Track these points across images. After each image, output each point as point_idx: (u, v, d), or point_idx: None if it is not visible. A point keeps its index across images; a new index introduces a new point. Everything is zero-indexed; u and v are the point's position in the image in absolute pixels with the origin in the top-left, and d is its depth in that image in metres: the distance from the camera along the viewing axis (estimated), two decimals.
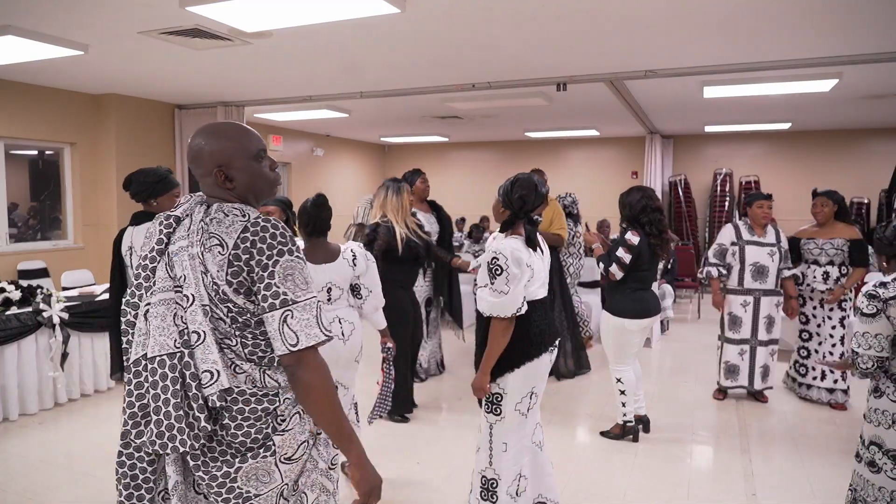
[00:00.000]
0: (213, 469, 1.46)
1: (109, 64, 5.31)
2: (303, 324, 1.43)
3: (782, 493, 3.33)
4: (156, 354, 1.42)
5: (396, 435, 4.11)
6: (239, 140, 1.56)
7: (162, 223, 1.52)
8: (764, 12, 3.84)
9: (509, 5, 3.73)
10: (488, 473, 2.65)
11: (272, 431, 1.49)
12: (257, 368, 1.48)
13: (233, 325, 1.46)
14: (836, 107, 7.33)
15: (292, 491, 1.55)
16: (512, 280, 2.46)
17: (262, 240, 1.42)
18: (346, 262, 2.99)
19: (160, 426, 1.40)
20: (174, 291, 1.45)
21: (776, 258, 4.52)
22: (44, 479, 3.47)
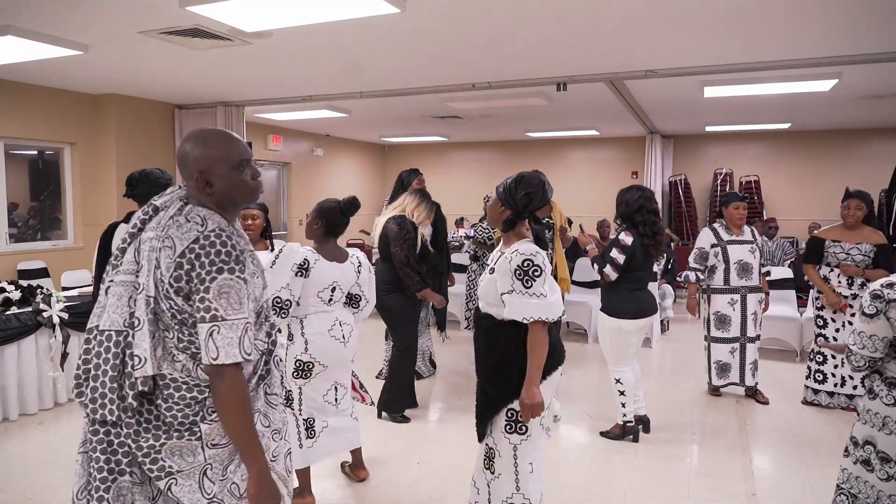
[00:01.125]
0: (142, 441, 1.57)
1: (109, 64, 5.31)
2: (226, 341, 1.51)
3: (782, 493, 3.33)
4: (106, 328, 1.57)
5: (396, 435, 4.11)
6: (222, 149, 1.64)
7: (143, 210, 1.65)
8: (764, 12, 3.84)
9: (509, 5, 3.73)
10: (517, 500, 2.39)
11: (199, 419, 1.60)
12: (191, 360, 1.58)
13: (172, 320, 1.56)
14: (836, 107, 7.33)
15: (220, 476, 1.62)
16: (549, 282, 2.32)
17: (207, 254, 1.52)
18: (353, 267, 3.07)
19: (95, 392, 1.55)
20: (134, 275, 1.58)
21: (757, 255, 4.60)
22: (44, 479, 3.47)
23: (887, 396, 2.21)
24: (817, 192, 9.64)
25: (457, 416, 4.45)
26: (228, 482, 1.63)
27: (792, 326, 5.92)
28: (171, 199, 1.64)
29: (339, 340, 3.00)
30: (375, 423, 4.28)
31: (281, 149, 9.75)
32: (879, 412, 2.21)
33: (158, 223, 1.59)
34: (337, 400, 3.12)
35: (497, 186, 2.50)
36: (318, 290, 2.95)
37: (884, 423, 2.19)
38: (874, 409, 2.24)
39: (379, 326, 5.02)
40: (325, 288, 2.95)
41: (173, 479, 1.57)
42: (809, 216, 9.45)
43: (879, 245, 4.33)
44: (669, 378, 5.49)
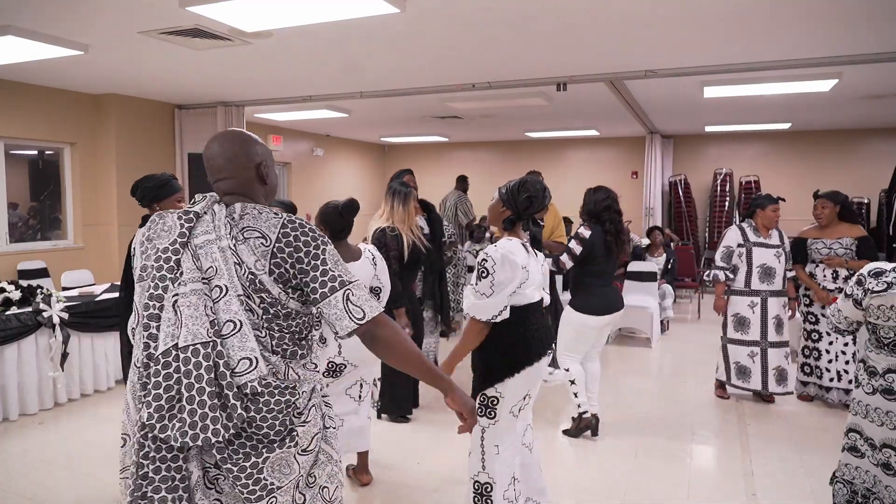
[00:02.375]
0: (241, 460, 1.47)
1: (109, 64, 5.31)
2: (363, 299, 1.56)
3: (782, 493, 3.33)
4: (188, 343, 1.42)
5: (396, 435, 4.11)
6: (267, 148, 1.75)
7: (181, 217, 1.55)
8: (764, 12, 3.84)
9: (509, 5, 3.73)
10: (482, 478, 2.59)
11: (292, 424, 1.54)
12: (282, 361, 1.54)
13: (263, 317, 1.51)
14: (836, 107, 7.33)
15: (307, 484, 1.60)
16: (497, 284, 2.43)
17: (304, 233, 1.54)
18: (368, 261, 3.09)
19: (193, 416, 1.40)
20: (202, 283, 1.48)
21: (782, 259, 4.57)
22: (44, 479, 3.47)
23: (867, 385, 2.29)
24: None
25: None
26: (317, 487, 1.62)
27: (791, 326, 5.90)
28: (208, 204, 1.60)
29: None
30: (375, 422, 4.28)
31: (281, 149, 9.75)
32: (862, 401, 2.29)
33: (212, 225, 1.53)
34: (360, 397, 3.15)
35: (500, 188, 2.66)
36: None
37: (867, 412, 2.26)
38: (858, 397, 2.32)
39: None
40: None
41: (274, 497, 1.50)
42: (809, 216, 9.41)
43: (860, 237, 4.52)
44: (669, 378, 5.49)
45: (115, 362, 4.95)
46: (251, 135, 1.72)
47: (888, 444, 2.22)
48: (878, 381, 2.25)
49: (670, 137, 10.41)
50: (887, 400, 2.22)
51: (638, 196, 10.21)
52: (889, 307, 2.20)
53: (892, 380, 2.22)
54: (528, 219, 2.63)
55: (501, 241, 2.54)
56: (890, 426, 2.21)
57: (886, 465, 2.23)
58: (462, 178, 8.26)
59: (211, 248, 1.50)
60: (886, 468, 2.23)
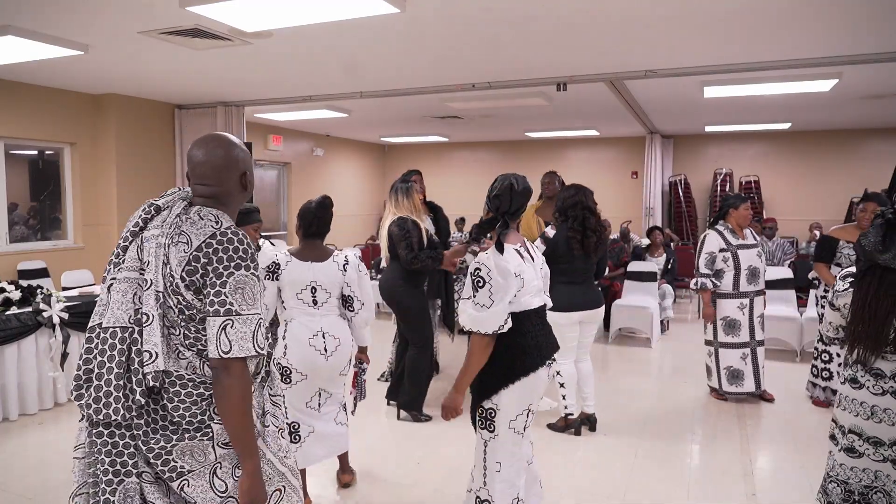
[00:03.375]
0: (152, 442, 1.56)
1: (109, 64, 5.31)
2: (239, 335, 1.54)
3: (782, 493, 3.33)
4: (110, 325, 1.55)
5: (396, 435, 4.11)
6: (246, 150, 1.78)
7: (144, 209, 1.66)
8: (764, 12, 3.84)
9: (509, 5, 3.73)
10: (482, 494, 2.44)
11: (210, 419, 1.60)
12: (198, 357, 1.59)
13: (179, 316, 1.57)
14: (836, 107, 7.34)
15: (231, 475, 1.63)
16: (496, 293, 2.27)
17: (225, 250, 1.56)
18: (336, 265, 2.97)
19: (99, 391, 1.52)
20: (139, 272, 1.59)
21: (763, 258, 4.60)
22: (44, 479, 3.47)
23: (874, 387, 2.32)
24: (817, 192, 9.65)
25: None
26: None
27: (792, 326, 5.92)
28: (174, 200, 1.67)
29: (320, 352, 2.89)
30: (375, 422, 4.28)
31: (281, 149, 9.75)
32: (867, 401, 2.31)
33: (163, 221, 1.61)
34: (320, 405, 3.04)
35: None
36: (296, 291, 2.90)
37: (872, 413, 2.29)
38: (860, 398, 2.34)
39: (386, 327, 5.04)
40: (304, 289, 2.90)
41: (185, 480, 1.57)
42: (809, 216, 9.45)
43: None
44: (669, 378, 5.49)
45: None
46: (235, 141, 1.75)
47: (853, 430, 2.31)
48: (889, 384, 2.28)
49: (670, 137, 10.41)
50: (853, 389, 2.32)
51: (638, 196, 10.22)
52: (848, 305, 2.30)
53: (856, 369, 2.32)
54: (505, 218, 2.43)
55: (492, 248, 2.36)
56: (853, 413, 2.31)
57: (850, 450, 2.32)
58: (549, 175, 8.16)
59: (152, 243, 1.59)
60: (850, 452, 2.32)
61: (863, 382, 2.33)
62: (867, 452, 2.31)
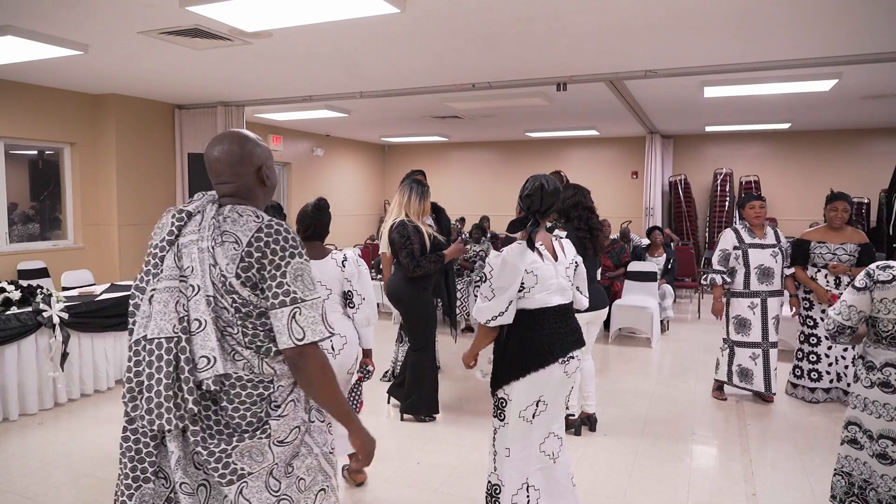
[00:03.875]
0: (212, 445, 1.55)
1: (109, 64, 5.31)
2: (309, 321, 1.57)
3: (782, 493, 3.33)
4: (154, 336, 1.53)
5: (396, 435, 4.11)
6: (268, 149, 1.78)
7: (174, 216, 1.63)
8: (764, 12, 3.84)
9: (509, 5, 3.73)
10: (492, 479, 2.59)
11: (267, 416, 1.60)
12: (256, 356, 1.59)
13: (235, 315, 1.56)
14: (836, 107, 7.34)
15: (284, 473, 1.64)
16: (497, 290, 2.44)
17: (276, 241, 1.56)
18: (335, 262, 2.98)
19: (150, 403, 1.51)
20: (179, 280, 1.56)
21: (779, 259, 4.54)
22: (44, 479, 3.47)
23: (865, 379, 2.37)
24: (817, 192, 9.63)
25: (457, 416, 4.45)
26: (294, 478, 1.67)
27: (792, 326, 5.90)
28: (203, 204, 1.66)
29: (327, 351, 2.91)
30: (376, 422, 4.28)
31: (281, 149, 9.75)
32: (860, 394, 2.36)
33: (199, 226, 1.60)
34: None
35: None
36: None
37: (865, 405, 2.33)
38: (856, 391, 2.39)
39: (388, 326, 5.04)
40: None
41: (245, 482, 1.57)
42: (809, 216, 9.45)
43: (863, 244, 4.48)
44: (669, 378, 5.48)
45: (115, 362, 4.95)
46: (251, 136, 1.74)
47: (885, 434, 2.29)
48: (876, 375, 2.33)
49: (670, 137, 10.42)
50: (885, 393, 2.30)
51: (638, 196, 10.22)
52: (891, 300, 2.29)
53: (889, 374, 2.29)
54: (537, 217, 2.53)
55: (512, 245, 2.51)
56: (887, 417, 2.29)
57: (883, 455, 2.30)
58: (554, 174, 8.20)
59: (192, 249, 1.57)
60: (882, 458, 2.30)
61: (860, 375, 2.36)
62: (866, 445, 2.34)
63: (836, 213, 4.49)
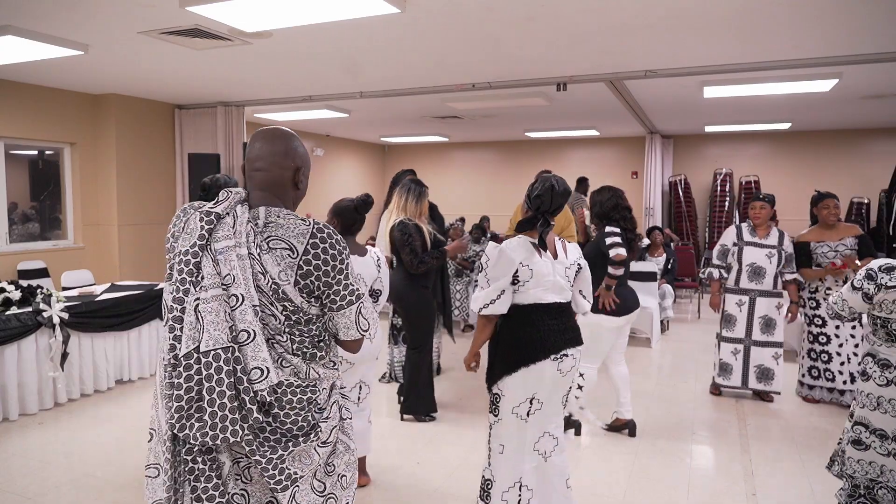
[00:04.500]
0: (268, 452, 1.54)
1: (109, 64, 5.31)
2: (370, 312, 1.71)
3: (782, 493, 3.33)
4: (210, 348, 1.47)
5: (396, 435, 4.11)
6: (309, 157, 1.76)
7: (203, 219, 1.54)
8: (764, 12, 3.84)
9: (509, 5, 3.73)
10: (486, 473, 2.64)
11: (314, 420, 1.62)
12: (303, 362, 1.59)
13: (284, 323, 1.56)
14: (836, 107, 7.34)
15: (326, 473, 1.67)
16: (492, 279, 2.52)
17: (332, 246, 1.57)
18: (373, 260, 3.11)
19: (214, 417, 1.47)
20: (222, 288, 1.50)
21: (774, 260, 4.53)
22: (44, 479, 3.47)
23: (880, 377, 2.34)
24: None
25: (457, 416, 4.45)
26: (336, 475, 1.69)
27: (792, 326, 5.90)
28: (231, 205, 1.58)
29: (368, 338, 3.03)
30: (376, 422, 4.27)
31: None
32: (873, 393, 2.33)
33: (233, 230, 1.53)
34: (360, 399, 3.16)
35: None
36: None
37: (878, 403, 2.30)
38: (867, 390, 2.36)
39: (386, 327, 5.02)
40: None
41: (297, 486, 1.58)
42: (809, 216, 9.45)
43: (860, 237, 4.51)
44: (669, 378, 5.48)
45: (115, 362, 4.95)
46: (296, 137, 1.72)
47: None
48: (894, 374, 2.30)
49: (670, 137, 10.42)
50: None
51: (638, 196, 10.21)
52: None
53: None
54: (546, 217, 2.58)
55: (510, 239, 2.59)
56: None
57: None
58: (582, 180, 8.24)
59: (230, 255, 1.51)
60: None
61: (870, 374, 2.33)
62: (873, 445, 2.32)
63: (828, 211, 4.52)
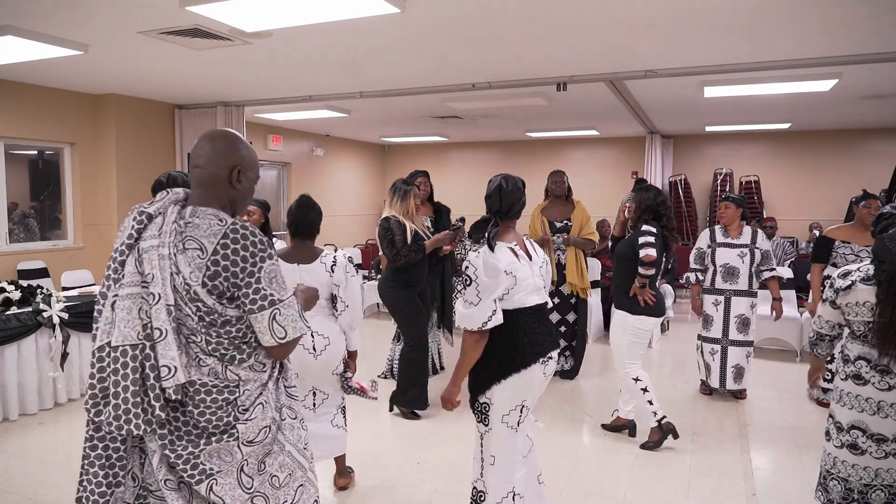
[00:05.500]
0: (179, 448, 1.57)
1: (109, 64, 5.31)
2: (289, 319, 1.61)
3: (782, 493, 3.33)
4: (119, 344, 1.53)
5: (396, 434, 4.11)
6: (255, 156, 1.76)
7: (135, 218, 1.60)
8: (764, 12, 3.84)
9: (509, 5, 3.73)
10: (478, 485, 2.53)
11: (234, 420, 1.62)
12: (220, 363, 1.60)
13: (199, 324, 1.56)
14: (836, 107, 7.33)
15: (257, 471, 1.67)
16: (483, 291, 2.34)
17: (244, 247, 1.55)
18: (323, 266, 2.93)
19: (118, 409, 1.52)
20: (141, 286, 1.55)
21: (747, 259, 4.57)
22: (44, 479, 3.47)
23: (841, 372, 2.41)
24: (817, 192, 9.64)
25: (457, 416, 4.44)
26: (267, 475, 1.69)
27: (792, 326, 5.92)
28: (164, 205, 1.62)
29: (308, 351, 2.90)
30: (375, 422, 4.28)
31: (281, 149, 9.75)
32: (872, 397, 2.33)
33: (159, 230, 1.57)
34: (315, 405, 3.06)
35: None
36: None
37: (879, 408, 2.31)
38: (864, 394, 2.36)
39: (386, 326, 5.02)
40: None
41: (214, 479, 1.59)
42: (809, 216, 9.45)
43: None
44: (669, 378, 5.49)
45: None
46: (243, 140, 1.73)
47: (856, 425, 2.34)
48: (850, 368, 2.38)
49: (670, 137, 10.41)
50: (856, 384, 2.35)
51: None
52: (855, 303, 2.32)
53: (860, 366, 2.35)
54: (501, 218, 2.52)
55: (483, 247, 2.43)
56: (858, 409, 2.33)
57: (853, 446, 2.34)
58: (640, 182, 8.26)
59: (152, 255, 1.55)
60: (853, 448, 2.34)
61: (867, 378, 2.34)
62: (869, 450, 2.32)
63: (868, 211, 4.34)
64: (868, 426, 2.32)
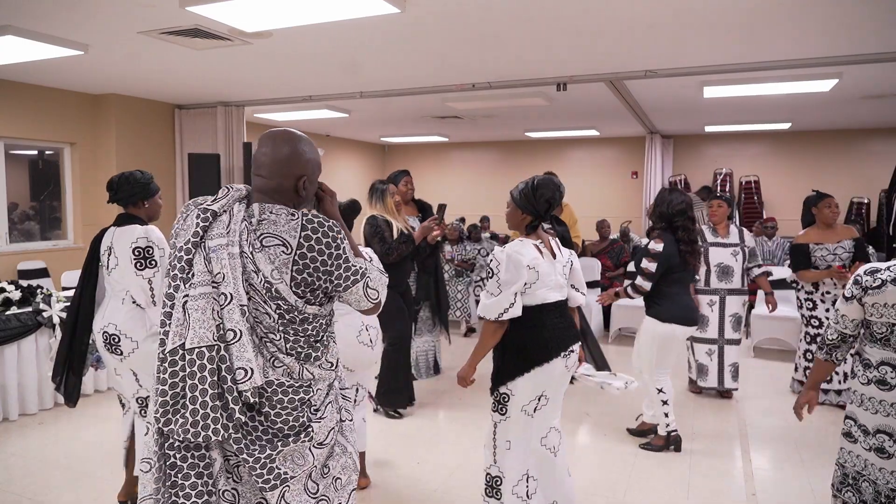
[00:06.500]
0: (256, 451, 1.53)
1: (109, 64, 5.31)
2: (376, 282, 1.71)
3: (782, 493, 3.34)
4: (194, 346, 1.47)
5: (396, 435, 4.11)
6: (318, 155, 1.76)
7: (199, 216, 1.55)
8: (764, 12, 3.84)
9: (509, 5, 3.73)
10: (493, 471, 2.65)
11: (308, 420, 1.60)
12: (296, 362, 1.58)
13: (278, 322, 1.54)
14: (836, 107, 7.33)
15: (321, 474, 1.66)
16: (504, 284, 2.47)
17: (325, 234, 1.56)
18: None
19: (196, 415, 1.46)
20: (212, 286, 1.50)
21: (739, 258, 4.62)
22: (44, 479, 3.47)
23: (862, 376, 2.39)
24: None
25: (457, 415, 4.45)
26: (331, 477, 1.68)
27: (792, 326, 5.92)
28: (229, 203, 1.58)
29: (367, 345, 3.04)
30: (375, 422, 4.28)
31: None
32: (857, 390, 2.36)
33: (227, 229, 1.53)
34: (356, 401, 3.18)
35: (512, 192, 2.66)
36: None
37: (861, 401, 2.34)
38: (890, 399, 2.36)
39: None
40: None
41: (287, 486, 1.57)
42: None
43: (857, 239, 4.53)
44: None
45: None
46: (303, 142, 1.69)
47: (882, 429, 2.31)
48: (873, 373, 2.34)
49: (670, 137, 10.41)
50: (881, 390, 2.32)
51: (638, 196, 10.21)
52: (882, 304, 2.28)
53: (885, 371, 2.30)
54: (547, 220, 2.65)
55: (513, 242, 2.58)
56: (884, 413, 2.30)
57: (880, 450, 2.31)
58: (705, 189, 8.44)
59: (221, 254, 1.50)
60: (880, 452, 2.32)
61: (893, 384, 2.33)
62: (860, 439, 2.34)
63: (830, 209, 4.51)
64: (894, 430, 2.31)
